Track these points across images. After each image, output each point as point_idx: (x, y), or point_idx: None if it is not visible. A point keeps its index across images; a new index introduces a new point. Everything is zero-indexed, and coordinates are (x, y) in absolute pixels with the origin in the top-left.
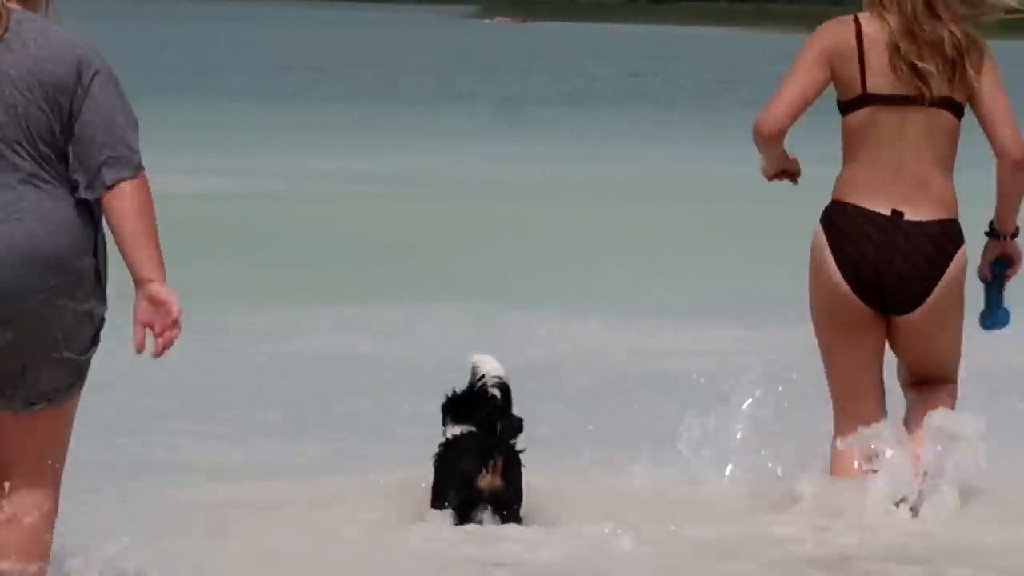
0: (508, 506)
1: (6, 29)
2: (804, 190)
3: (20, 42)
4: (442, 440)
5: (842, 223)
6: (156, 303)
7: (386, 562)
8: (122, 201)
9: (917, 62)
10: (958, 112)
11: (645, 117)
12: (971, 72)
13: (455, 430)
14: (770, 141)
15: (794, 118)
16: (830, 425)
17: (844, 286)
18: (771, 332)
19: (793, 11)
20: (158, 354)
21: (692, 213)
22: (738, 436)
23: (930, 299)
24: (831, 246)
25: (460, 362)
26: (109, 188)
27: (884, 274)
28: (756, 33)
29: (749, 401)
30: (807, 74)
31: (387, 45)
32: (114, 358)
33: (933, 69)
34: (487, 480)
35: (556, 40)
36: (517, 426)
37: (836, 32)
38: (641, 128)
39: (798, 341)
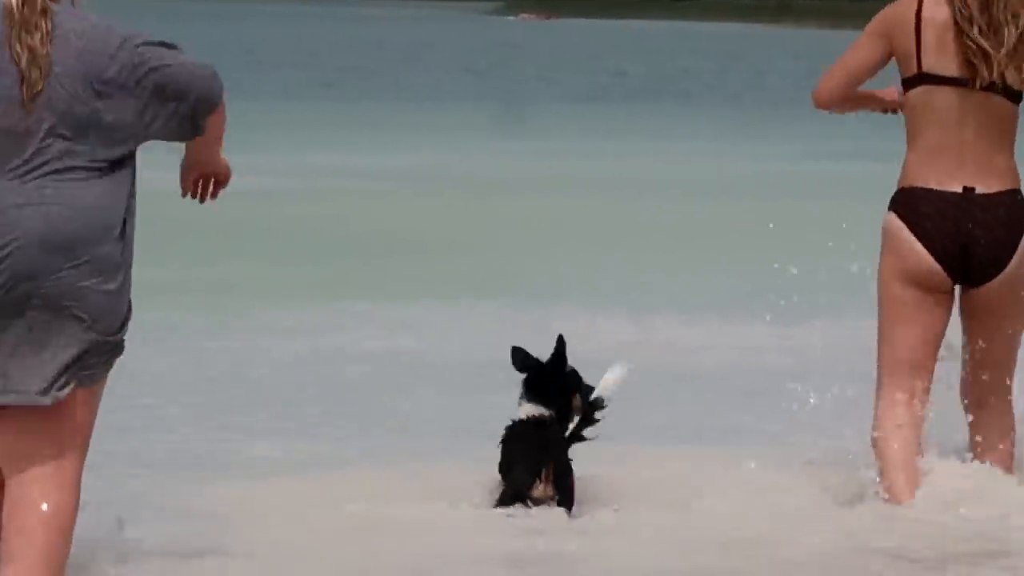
0: (562, 505)
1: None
2: (826, 186)
3: (61, 35)
4: (513, 418)
5: (917, 205)
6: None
7: (394, 555)
8: (208, 128)
9: (971, 47)
10: (1014, 97)
11: (667, 113)
12: (1010, 57)
13: (528, 410)
14: (826, 110)
15: (844, 92)
16: (855, 417)
17: (927, 257)
18: (795, 328)
19: (815, 7)
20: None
21: (714, 208)
22: (762, 429)
23: (1010, 265)
24: (910, 226)
25: (473, 358)
26: (211, 115)
27: (967, 244)
28: (779, 29)
29: (773, 395)
30: (860, 51)
31: (408, 42)
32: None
33: (985, 57)
34: (540, 491)
35: (581, 37)
36: (599, 404)
37: (898, 9)
38: (662, 124)
39: (821, 336)
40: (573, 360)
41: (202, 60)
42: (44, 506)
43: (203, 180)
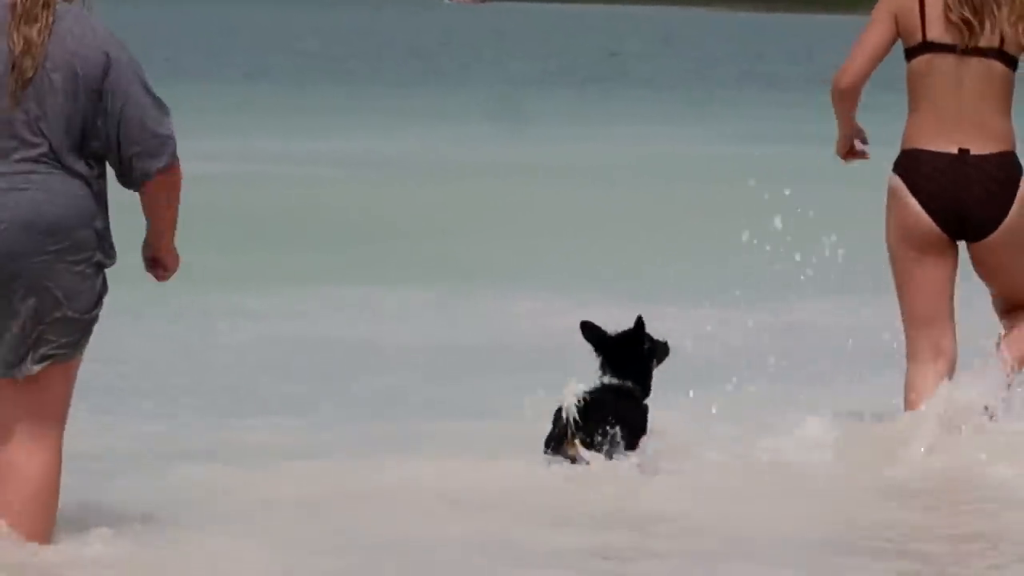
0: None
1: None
2: (776, 168)
3: (59, 33)
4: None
5: (916, 166)
6: (158, 263)
7: (359, 534)
8: (150, 198)
9: (966, 15)
10: (1009, 62)
11: (614, 97)
12: (1010, 27)
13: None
14: (846, 95)
15: (867, 74)
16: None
17: (926, 217)
18: (746, 313)
19: None
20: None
21: (669, 191)
22: (734, 411)
23: (1005, 222)
24: (909, 187)
25: (431, 342)
26: (143, 183)
27: (963, 201)
28: (711, 12)
29: (744, 378)
30: (875, 32)
31: (345, 26)
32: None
33: (978, 23)
34: (573, 450)
35: (517, 21)
36: (664, 350)
37: None
38: (611, 108)
39: (788, 318)
40: (535, 346)
41: (170, 130)
42: (30, 468)
43: (153, 265)
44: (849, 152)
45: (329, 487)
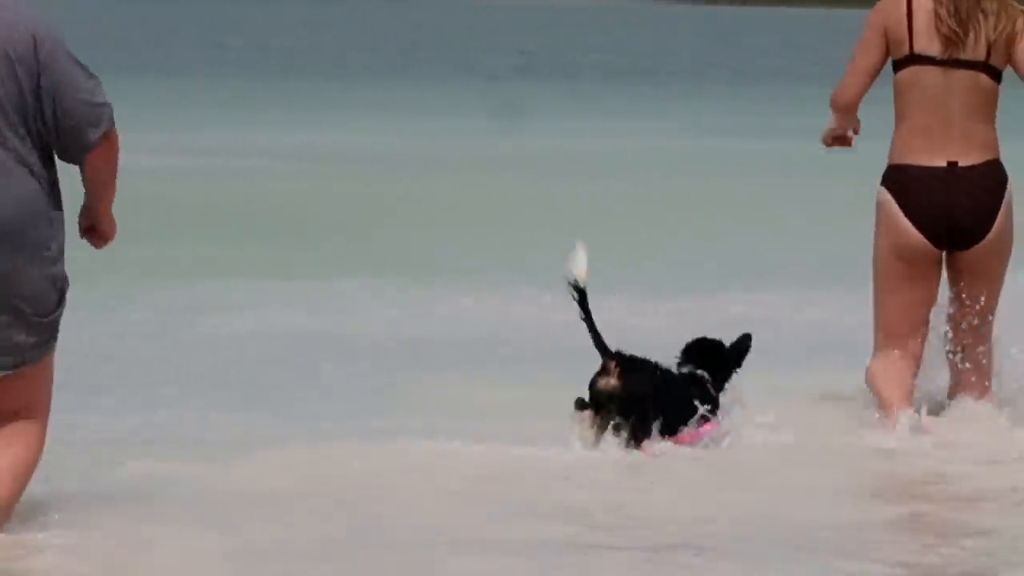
0: (629, 408)
1: None
2: (755, 165)
3: None
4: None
5: (905, 181)
6: (96, 231)
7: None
8: (91, 168)
9: (954, 27)
10: (994, 75)
11: (580, 91)
12: (995, 39)
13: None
14: (846, 112)
15: (863, 91)
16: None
17: (915, 232)
18: (745, 308)
19: None
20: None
21: (661, 188)
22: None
23: (992, 231)
24: (899, 202)
25: (434, 339)
26: (85, 155)
27: (952, 212)
28: (668, 6)
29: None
30: (868, 49)
31: (293, 21)
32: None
33: (963, 33)
34: (603, 382)
35: (474, 17)
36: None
37: (889, 5)
38: (590, 104)
39: (768, 309)
40: (531, 340)
41: (104, 98)
42: (4, 461)
43: (90, 234)
44: (835, 140)
45: (324, 484)
